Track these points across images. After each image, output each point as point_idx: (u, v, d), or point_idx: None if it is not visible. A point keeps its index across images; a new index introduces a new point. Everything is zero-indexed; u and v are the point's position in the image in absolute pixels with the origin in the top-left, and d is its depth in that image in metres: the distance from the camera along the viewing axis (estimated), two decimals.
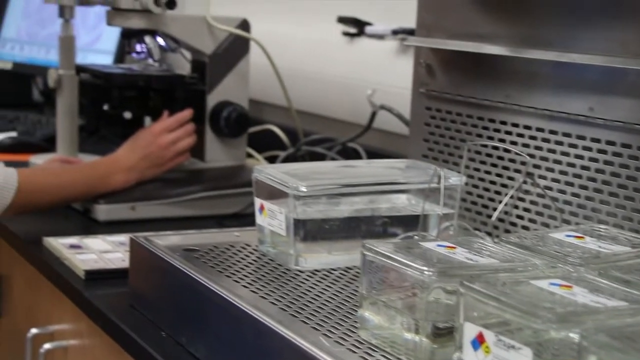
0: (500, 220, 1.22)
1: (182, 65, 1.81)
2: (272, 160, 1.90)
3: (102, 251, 1.35)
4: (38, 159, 1.87)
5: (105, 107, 1.68)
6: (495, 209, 1.23)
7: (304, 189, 1.08)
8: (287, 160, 1.82)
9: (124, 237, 1.40)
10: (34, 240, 1.42)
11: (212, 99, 1.70)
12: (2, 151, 2.06)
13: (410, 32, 1.48)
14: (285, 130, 1.96)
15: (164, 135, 1.61)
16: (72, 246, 1.37)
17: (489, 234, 1.18)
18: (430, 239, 1.05)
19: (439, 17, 1.31)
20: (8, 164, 1.43)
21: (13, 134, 2.25)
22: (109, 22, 1.64)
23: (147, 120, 2.08)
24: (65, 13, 1.85)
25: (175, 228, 1.39)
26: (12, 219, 1.51)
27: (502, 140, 1.23)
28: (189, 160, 1.72)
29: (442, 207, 1.10)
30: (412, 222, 1.13)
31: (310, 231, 1.10)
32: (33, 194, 1.43)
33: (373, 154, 1.74)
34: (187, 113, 1.64)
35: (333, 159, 1.76)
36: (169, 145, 1.61)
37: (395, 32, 1.66)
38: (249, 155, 1.88)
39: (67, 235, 1.42)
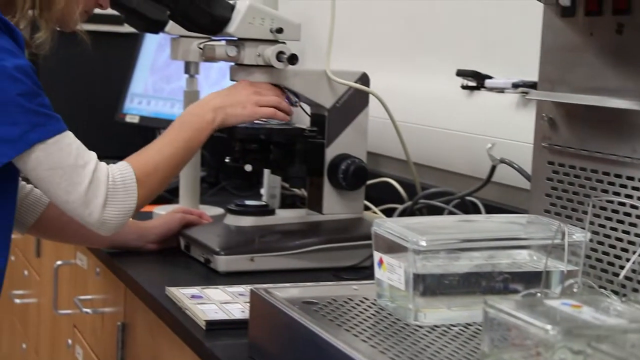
0: (628, 278, 1.17)
1: (301, 118, 1.83)
2: (389, 212, 1.90)
3: (222, 302, 1.37)
4: (161, 210, 1.93)
5: (227, 159, 1.72)
6: (622, 267, 1.19)
7: (423, 243, 1.07)
8: (404, 213, 1.81)
9: (243, 289, 1.42)
10: (157, 289, 1.45)
11: (331, 152, 1.72)
12: None
13: (532, 86, 1.46)
14: (403, 183, 1.95)
15: (253, 88, 1.60)
16: (194, 296, 1.39)
17: (616, 292, 1.14)
18: (554, 296, 1.02)
19: (562, 71, 1.29)
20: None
21: None
22: (233, 78, 1.68)
23: (267, 172, 2.12)
24: (190, 69, 1.92)
25: (293, 280, 1.40)
26: (137, 270, 1.55)
27: (629, 196, 1.19)
28: (307, 212, 1.74)
29: (566, 264, 1.07)
30: (534, 279, 1.10)
31: (429, 286, 1.09)
32: (149, 177, 1.44)
33: (492, 208, 1.71)
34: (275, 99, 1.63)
35: (451, 212, 1.74)
36: (255, 93, 1.59)
37: (515, 85, 1.64)
38: (367, 208, 1.89)
39: (189, 286, 1.44)
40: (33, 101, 1.33)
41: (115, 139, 2.70)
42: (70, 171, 1.36)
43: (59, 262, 2.09)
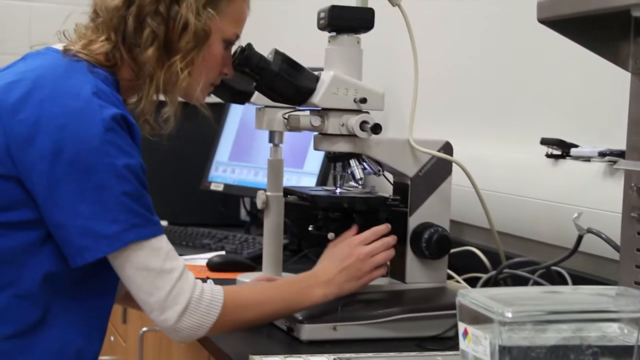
0: None
1: (384, 187, 1.84)
2: (473, 282, 1.87)
3: None
4: (245, 277, 1.94)
5: (310, 227, 1.73)
6: None
7: (509, 314, 1.06)
8: (488, 282, 1.79)
9: (326, 358, 1.42)
10: (241, 357, 1.45)
11: (414, 221, 1.71)
12: (211, 269, 2.15)
13: (619, 154, 1.44)
14: (487, 252, 1.93)
15: (361, 247, 1.62)
16: None
17: None
18: None
19: None
20: (217, 281, 1.49)
21: (222, 252, 2.35)
22: (316, 147, 1.70)
23: None
24: (274, 138, 1.95)
25: (375, 349, 1.39)
26: (221, 337, 1.56)
27: None
28: (389, 280, 1.73)
29: None
30: (624, 353, 1.07)
31: (516, 358, 1.07)
32: (237, 310, 1.46)
33: (579, 279, 1.68)
34: (384, 227, 1.65)
35: (537, 283, 1.71)
36: (367, 257, 1.61)
37: (602, 154, 1.62)
38: (450, 277, 1.87)
39: (272, 354, 1.44)
40: (136, 201, 1.37)
41: (201, 206, 2.75)
42: (155, 274, 1.38)
43: (144, 329, 2.12)
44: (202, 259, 2.23)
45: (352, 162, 1.70)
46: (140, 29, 1.45)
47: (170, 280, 1.38)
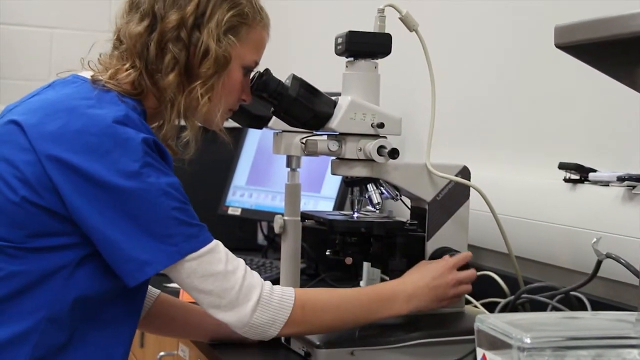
0: None
1: (402, 211, 1.84)
2: (490, 307, 1.86)
3: None
4: None
5: (327, 252, 1.73)
6: None
7: (528, 340, 1.05)
8: (506, 307, 1.78)
9: None
10: None
11: (432, 245, 1.71)
12: None
13: (638, 179, 1.43)
14: (505, 277, 1.92)
15: (455, 272, 1.64)
16: None
17: None
18: None
19: None
20: None
21: None
22: (334, 172, 1.70)
23: (366, 265, 2.12)
24: (292, 163, 1.95)
25: None
26: None
27: None
28: None
29: None
30: None
31: None
32: (313, 312, 1.49)
33: (599, 305, 1.67)
34: (470, 254, 1.67)
35: (555, 308, 1.70)
36: (456, 284, 1.63)
37: (621, 179, 1.62)
38: (468, 302, 1.86)
39: None
40: (185, 214, 1.40)
41: (218, 230, 2.75)
42: (221, 278, 1.41)
43: (162, 353, 2.12)
44: None
45: (370, 186, 1.70)
46: (162, 54, 1.47)
47: (238, 279, 1.42)
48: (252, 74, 1.61)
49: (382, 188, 1.71)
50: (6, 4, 3.35)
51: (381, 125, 1.63)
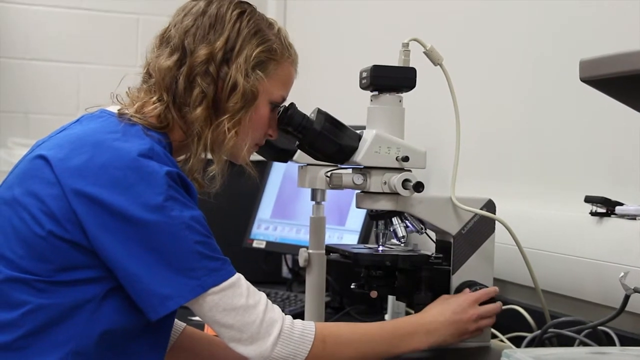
0: None
1: (427, 245, 1.83)
2: (517, 341, 1.85)
3: None
4: None
5: (352, 285, 1.73)
6: None
7: None
8: (533, 342, 1.76)
9: None
10: None
11: (457, 279, 1.70)
12: None
13: None
14: (531, 311, 1.91)
15: (476, 307, 1.63)
16: None
17: None
18: None
19: None
20: None
21: None
22: (359, 205, 1.70)
23: (391, 299, 2.12)
24: (316, 196, 1.96)
25: None
26: None
27: None
28: None
29: None
30: None
31: None
32: (335, 345, 1.48)
33: (627, 340, 1.65)
34: (494, 289, 1.67)
35: (583, 343, 1.68)
36: (477, 319, 1.63)
37: None
38: (494, 336, 1.85)
39: None
40: (208, 248, 1.41)
41: (243, 263, 2.75)
42: (242, 312, 1.42)
43: None
44: None
45: (395, 220, 1.70)
46: (190, 88, 1.49)
47: (259, 313, 1.42)
48: None
49: (407, 221, 1.71)
50: (35, 40, 3.40)
51: (406, 159, 1.63)
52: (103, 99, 1.56)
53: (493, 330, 1.80)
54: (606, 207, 1.75)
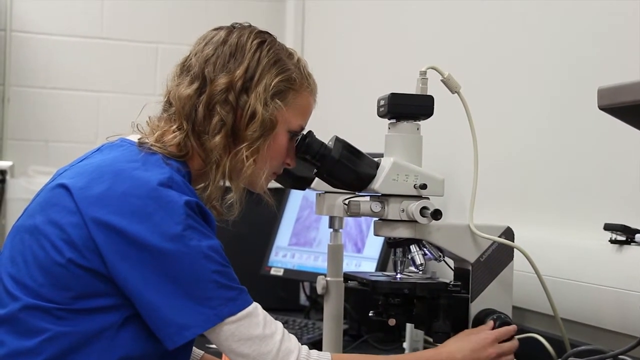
0: None
1: (445, 272, 1.83)
2: None
3: None
4: None
5: (370, 313, 1.72)
6: None
7: None
8: None
9: None
10: None
11: (476, 307, 1.70)
12: None
13: None
14: (551, 340, 1.89)
15: (496, 345, 1.62)
16: None
17: None
18: None
19: None
20: None
21: None
22: (377, 233, 1.70)
23: (409, 326, 2.11)
24: (334, 224, 1.96)
25: None
26: None
27: None
28: None
29: None
30: None
31: None
32: None
33: None
34: (514, 328, 1.65)
35: None
36: (497, 357, 1.61)
37: None
38: None
39: None
40: (225, 277, 1.42)
41: (261, 291, 2.75)
42: (258, 342, 1.42)
43: None
44: None
45: (413, 247, 1.70)
46: (210, 116, 1.50)
47: (275, 343, 1.42)
48: None
49: (425, 249, 1.71)
50: (55, 69, 3.44)
51: (424, 186, 1.63)
52: (122, 127, 1.58)
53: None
54: (626, 234, 1.74)
